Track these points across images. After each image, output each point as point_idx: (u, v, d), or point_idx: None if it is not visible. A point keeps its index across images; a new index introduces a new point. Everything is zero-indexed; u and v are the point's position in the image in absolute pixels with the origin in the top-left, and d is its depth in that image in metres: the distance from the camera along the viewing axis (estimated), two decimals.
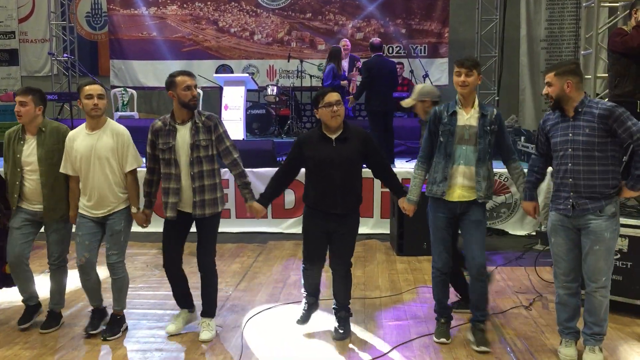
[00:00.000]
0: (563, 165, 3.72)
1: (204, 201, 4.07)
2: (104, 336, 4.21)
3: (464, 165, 3.92)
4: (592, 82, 6.21)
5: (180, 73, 4.12)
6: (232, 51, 11.83)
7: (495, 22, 11.00)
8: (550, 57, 11.53)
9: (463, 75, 3.87)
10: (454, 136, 3.91)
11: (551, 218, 3.85)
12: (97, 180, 4.12)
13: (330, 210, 4.07)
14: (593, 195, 3.64)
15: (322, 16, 11.68)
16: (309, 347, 4.10)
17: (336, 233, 4.12)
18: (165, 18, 11.81)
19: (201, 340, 4.18)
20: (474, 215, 3.98)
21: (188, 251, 6.68)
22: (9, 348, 4.07)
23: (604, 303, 3.75)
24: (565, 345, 3.88)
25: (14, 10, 12.67)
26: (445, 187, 3.94)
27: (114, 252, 4.21)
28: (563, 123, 3.73)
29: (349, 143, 4.04)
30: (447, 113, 3.95)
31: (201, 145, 4.04)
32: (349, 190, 4.08)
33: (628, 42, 5.08)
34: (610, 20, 6.76)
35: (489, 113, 3.93)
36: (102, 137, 4.14)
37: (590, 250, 3.67)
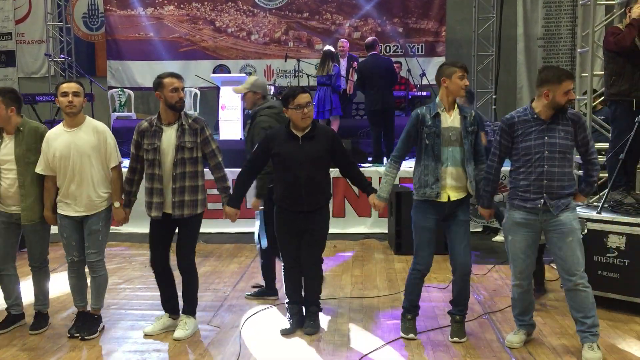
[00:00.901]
0: (538, 168, 3.78)
1: (182, 202, 4.10)
2: (82, 335, 4.23)
3: (452, 167, 3.98)
4: (588, 80, 6.21)
5: (168, 75, 4.13)
6: (230, 51, 11.82)
7: (492, 20, 10.99)
8: (547, 55, 11.53)
9: (465, 79, 3.97)
10: (440, 138, 3.96)
11: (512, 216, 3.92)
12: (77, 178, 4.12)
13: (297, 208, 4.12)
14: (562, 194, 3.78)
15: (319, 16, 11.66)
16: (306, 347, 4.10)
17: (306, 230, 4.17)
18: (162, 18, 11.79)
19: (174, 339, 4.20)
20: (462, 215, 4.08)
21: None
22: (6, 350, 4.07)
23: (589, 295, 3.82)
24: (514, 333, 4.09)
25: (10, 12, 12.63)
26: (438, 188, 3.98)
27: (93, 251, 4.23)
28: (538, 126, 3.79)
29: (316, 141, 4.10)
30: (430, 115, 4.00)
31: (186, 147, 4.07)
32: (315, 188, 4.12)
33: (620, 42, 5.09)
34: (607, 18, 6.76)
35: (469, 114, 4.03)
36: (81, 135, 4.13)
37: (563, 243, 3.79)
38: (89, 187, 4.15)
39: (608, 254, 4.60)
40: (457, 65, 3.99)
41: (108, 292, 5.22)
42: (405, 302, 4.28)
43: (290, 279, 4.37)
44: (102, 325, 4.41)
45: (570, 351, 3.97)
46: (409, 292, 4.26)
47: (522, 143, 3.82)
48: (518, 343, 4.04)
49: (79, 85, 4.18)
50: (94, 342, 4.21)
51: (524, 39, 11.46)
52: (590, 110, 6.03)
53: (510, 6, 11.18)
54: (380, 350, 4.03)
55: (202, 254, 6.59)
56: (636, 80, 5.14)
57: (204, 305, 4.94)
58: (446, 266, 6.00)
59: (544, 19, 11.48)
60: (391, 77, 8.26)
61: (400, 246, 6.45)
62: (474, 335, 4.24)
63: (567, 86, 3.71)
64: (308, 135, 4.11)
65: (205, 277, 5.72)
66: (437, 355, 3.95)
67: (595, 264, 4.67)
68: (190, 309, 4.37)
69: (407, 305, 4.28)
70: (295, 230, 4.20)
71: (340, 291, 5.27)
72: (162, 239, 4.26)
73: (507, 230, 4.00)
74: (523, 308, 4.06)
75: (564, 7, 11.36)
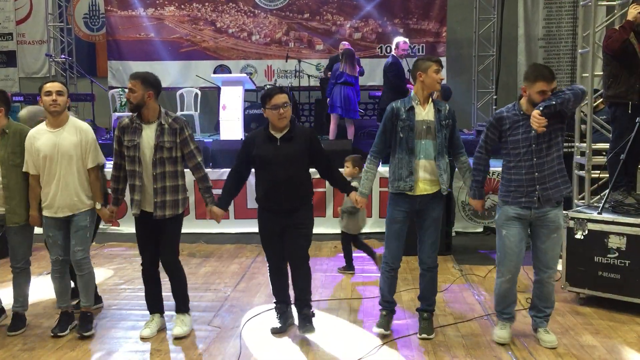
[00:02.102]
0: (527, 162, 3.88)
1: (164, 202, 4.10)
2: (80, 333, 4.24)
3: (425, 160, 4.04)
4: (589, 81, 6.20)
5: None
6: (230, 51, 11.82)
7: (493, 21, 10.99)
8: (548, 56, 11.52)
9: (440, 73, 4.05)
10: (414, 131, 4.02)
11: (505, 211, 4.01)
12: (62, 178, 4.13)
13: (278, 208, 4.15)
14: (555, 180, 3.89)
15: (319, 16, 11.66)
16: (306, 347, 4.10)
17: (289, 228, 4.18)
18: (163, 19, 11.79)
19: (174, 335, 4.23)
20: (434, 211, 4.14)
21: (186, 252, 6.70)
22: (7, 350, 4.07)
23: (553, 287, 4.10)
24: (501, 327, 4.15)
25: (11, 12, 12.64)
26: (412, 181, 4.04)
27: (80, 248, 4.22)
28: (525, 121, 3.87)
29: (294, 142, 4.13)
30: (405, 109, 4.06)
31: (165, 146, 4.07)
32: (295, 188, 4.15)
33: (610, 45, 5.10)
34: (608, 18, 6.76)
35: (443, 108, 4.08)
36: (65, 135, 4.14)
37: (547, 238, 3.95)
38: (74, 186, 4.16)
39: (609, 254, 4.60)
40: (432, 59, 4.07)
41: (109, 293, 5.25)
42: (380, 298, 4.35)
43: (275, 279, 4.39)
44: (94, 322, 4.43)
45: (571, 352, 3.97)
46: (380, 287, 4.33)
47: (511, 137, 3.92)
48: (509, 338, 4.10)
49: (62, 85, 4.20)
50: (94, 342, 4.21)
51: (524, 40, 11.45)
52: (591, 110, 6.02)
53: (511, 7, 11.17)
54: (380, 350, 4.02)
55: (203, 254, 6.59)
56: (632, 82, 5.13)
57: (205, 305, 4.94)
58: (447, 267, 6.02)
59: (544, 20, 11.47)
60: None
61: None
62: (474, 335, 4.24)
63: (540, 86, 3.79)
64: (286, 137, 4.14)
65: (206, 278, 5.72)
66: (438, 355, 3.94)
67: (596, 264, 4.68)
68: (183, 307, 4.39)
69: (380, 301, 4.35)
70: (278, 229, 4.21)
71: (340, 291, 5.27)
72: (148, 238, 4.25)
73: (500, 226, 4.06)
74: (509, 302, 4.13)
75: (564, 7, 11.35)
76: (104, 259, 6.48)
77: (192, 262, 6.31)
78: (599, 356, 3.91)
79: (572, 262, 4.83)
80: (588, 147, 5.90)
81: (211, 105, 11.35)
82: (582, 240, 4.77)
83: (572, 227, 4.81)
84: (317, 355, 3.97)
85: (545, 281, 4.03)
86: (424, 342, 4.15)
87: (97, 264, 6.27)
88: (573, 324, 4.46)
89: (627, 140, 4.93)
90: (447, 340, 4.18)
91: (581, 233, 4.76)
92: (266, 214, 4.24)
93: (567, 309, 4.75)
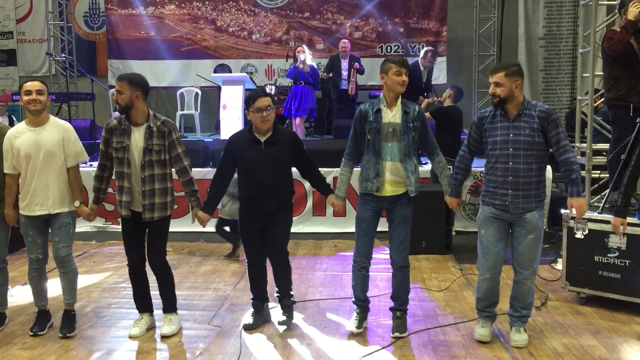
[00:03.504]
0: (503, 164, 3.87)
1: (153, 205, 4.12)
2: (63, 333, 4.25)
3: (391, 162, 4.06)
4: (590, 80, 6.20)
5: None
6: (231, 51, 11.81)
7: (493, 20, 10.99)
8: (549, 55, 11.52)
9: (404, 75, 4.02)
10: (380, 133, 4.03)
11: (483, 211, 4.03)
12: (42, 176, 4.14)
13: (261, 209, 4.22)
14: (528, 191, 3.86)
15: (320, 15, 11.65)
16: (306, 346, 4.10)
17: (269, 226, 4.26)
18: (163, 18, 11.79)
19: (162, 335, 4.24)
20: (402, 211, 4.14)
21: (186, 251, 6.70)
22: (7, 349, 4.07)
23: (532, 289, 4.04)
24: (482, 326, 4.15)
25: (11, 11, 12.64)
26: (378, 182, 4.07)
27: (64, 245, 4.23)
28: (503, 123, 3.88)
29: (278, 146, 4.19)
30: (373, 111, 4.07)
31: (154, 149, 4.08)
32: (279, 190, 4.22)
33: (613, 46, 5.06)
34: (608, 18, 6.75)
35: (412, 110, 4.07)
36: (45, 133, 4.15)
37: (524, 239, 3.91)
38: (56, 184, 4.17)
39: (609, 254, 4.60)
40: (393, 60, 4.07)
41: (109, 291, 5.25)
42: (353, 296, 4.39)
43: (253, 276, 4.46)
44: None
45: (571, 352, 3.97)
46: (352, 285, 4.35)
47: (490, 137, 3.93)
48: (489, 335, 4.11)
49: (42, 84, 4.22)
50: (94, 341, 4.21)
51: (525, 39, 11.45)
52: (592, 110, 6.02)
53: (511, 6, 11.17)
54: (380, 350, 4.02)
55: (203, 253, 6.59)
56: (633, 85, 5.12)
57: (205, 304, 4.94)
58: (447, 266, 6.01)
59: (545, 19, 11.47)
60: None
61: None
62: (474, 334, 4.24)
63: (491, 79, 3.84)
64: (270, 140, 4.19)
65: (206, 277, 5.72)
66: (438, 354, 3.94)
67: (596, 264, 4.68)
68: (171, 306, 4.41)
69: (353, 299, 4.39)
70: (259, 227, 4.29)
71: (340, 291, 5.27)
72: (135, 238, 4.26)
73: (479, 225, 4.09)
74: (491, 300, 4.13)
75: (565, 7, 11.35)
76: (104, 257, 6.48)
77: (192, 260, 6.31)
78: (599, 356, 3.91)
79: (573, 261, 4.83)
80: (588, 148, 5.90)
81: (211, 104, 11.35)
82: (582, 239, 4.77)
83: (572, 226, 4.81)
84: (318, 355, 3.97)
85: (522, 282, 4.00)
86: (423, 341, 4.15)
87: (97, 262, 6.30)
88: (573, 323, 4.46)
89: (627, 141, 4.92)
90: (447, 339, 4.18)
91: (581, 233, 4.76)
92: (249, 214, 4.31)
93: (568, 309, 4.75)
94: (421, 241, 6.31)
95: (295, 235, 7.17)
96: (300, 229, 7.38)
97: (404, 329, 4.23)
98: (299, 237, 7.05)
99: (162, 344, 4.16)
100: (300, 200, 7.39)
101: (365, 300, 4.37)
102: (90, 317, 4.64)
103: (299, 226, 7.39)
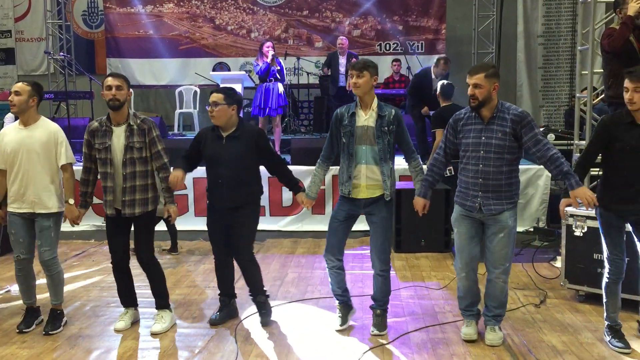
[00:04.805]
0: (474, 166, 3.87)
1: (133, 201, 4.16)
2: (46, 331, 4.26)
3: (366, 165, 4.06)
4: (589, 78, 6.19)
5: (109, 74, 4.21)
6: (229, 49, 11.81)
7: (492, 18, 10.98)
8: (548, 53, 11.52)
9: (355, 77, 4.00)
10: (354, 136, 4.05)
11: (456, 210, 4.04)
12: (25, 174, 4.17)
13: (222, 205, 4.26)
14: (498, 193, 3.84)
15: (319, 13, 11.65)
16: (306, 346, 4.10)
17: (233, 226, 4.29)
18: (161, 16, 11.78)
19: (152, 332, 4.27)
20: (380, 214, 4.12)
21: (185, 249, 6.70)
22: (6, 347, 4.07)
23: (505, 288, 4.02)
24: (467, 325, 4.15)
25: (10, 9, 12.62)
26: (350, 186, 4.09)
27: (46, 248, 4.25)
28: (476, 126, 3.86)
29: (240, 141, 4.22)
30: (348, 114, 4.09)
31: (135, 147, 4.13)
32: (238, 186, 4.23)
33: (613, 43, 5.04)
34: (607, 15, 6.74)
35: (387, 114, 4.05)
36: (32, 133, 4.18)
37: (495, 237, 3.89)
38: (37, 184, 4.18)
39: None
40: (352, 65, 4.10)
41: (107, 290, 5.25)
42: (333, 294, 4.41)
43: (219, 273, 4.50)
44: (64, 320, 4.44)
45: (570, 349, 3.97)
46: (330, 282, 4.36)
47: (464, 139, 3.92)
48: (475, 334, 4.11)
49: (25, 85, 4.22)
50: (94, 339, 4.20)
51: (524, 37, 11.45)
52: (591, 107, 6.01)
53: (510, 4, 11.17)
54: (380, 347, 4.02)
55: (202, 251, 6.59)
56: None
57: (204, 302, 4.94)
58: (446, 264, 6.02)
59: (544, 17, 11.47)
60: None
61: (400, 244, 6.44)
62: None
63: (470, 80, 3.79)
64: (232, 135, 4.23)
65: (205, 275, 5.72)
66: (438, 352, 3.94)
67: (594, 261, 4.68)
68: (163, 302, 4.43)
69: (335, 296, 4.39)
70: (222, 225, 4.33)
71: None
72: (118, 236, 4.29)
73: (453, 224, 4.09)
74: (471, 299, 4.13)
75: (564, 4, 11.35)
76: (102, 256, 6.47)
77: (191, 259, 6.30)
78: (598, 353, 3.91)
79: (571, 259, 4.83)
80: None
81: None
82: (581, 237, 4.77)
83: (571, 224, 4.81)
84: (318, 352, 3.97)
85: (494, 280, 3.98)
86: (422, 339, 4.15)
87: (95, 261, 6.30)
88: (572, 321, 4.46)
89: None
90: (446, 337, 4.18)
91: (580, 230, 4.76)
92: (213, 210, 4.36)
93: (567, 307, 4.75)
94: (420, 239, 6.30)
95: (294, 234, 7.20)
96: (299, 228, 7.38)
97: (383, 327, 4.24)
98: (297, 236, 7.05)
99: (161, 342, 4.16)
100: None
101: (344, 294, 4.38)
102: (89, 316, 4.64)
103: (298, 224, 7.39)
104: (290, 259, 6.20)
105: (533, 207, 7.27)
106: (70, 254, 6.49)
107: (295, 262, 6.09)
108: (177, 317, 4.57)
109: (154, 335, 4.25)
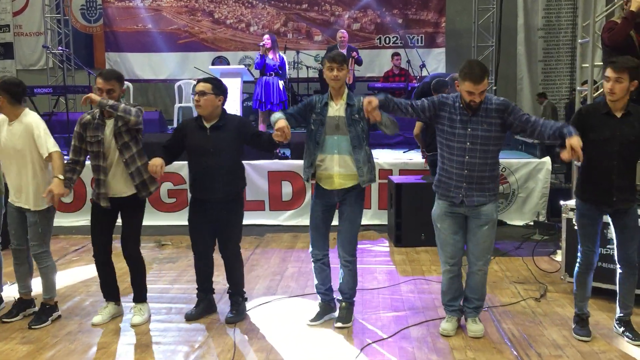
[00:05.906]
0: (459, 157, 3.86)
1: (144, 181, 4.21)
2: (30, 324, 4.28)
3: (338, 155, 4.06)
4: (589, 71, 6.18)
5: (99, 74, 4.18)
6: (228, 43, 11.77)
7: (493, 11, 10.94)
8: (548, 46, 11.50)
9: (335, 70, 4.01)
10: (324, 126, 4.06)
11: (439, 205, 4.03)
12: (14, 170, 4.20)
13: (208, 197, 4.22)
14: (482, 185, 3.86)
15: (318, 7, 11.61)
16: (306, 340, 4.10)
17: (220, 220, 4.26)
18: (160, 10, 11.74)
19: (132, 324, 4.29)
20: (350, 206, 4.15)
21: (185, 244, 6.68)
22: (6, 343, 4.06)
23: (485, 279, 4.07)
24: (447, 320, 4.17)
25: (8, 4, 12.59)
26: (309, 173, 4.12)
27: (34, 242, 4.28)
28: (463, 117, 3.84)
29: (224, 131, 4.20)
30: (321, 104, 4.10)
31: (122, 131, 4.13)
32: (225, 177, 4.21)
33: (613, 37, 5.01)
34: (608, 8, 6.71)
35: (356, 102, 4.07)
36: (16, 128, 4.17)
37: (479, 230, 3.92)
38: (25, 179, 4.19)
39: (608, 245, 4.59)
40: (327, 56, 4.11)
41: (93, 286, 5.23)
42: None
43: (198, 269, 4.48)
44: (56, 314, 4.44)
45: (570, 343, 3.97)
46: (314, 278, 4.36)
47: (447, 128, 3.89)
48: (453, 330, 4.11)
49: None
50: (93, 334, 4.20)
51: (524, 30, 11.42)
52: (591, 101, 5.99)
53: None
54: (381, 341, 4.02)
55: None
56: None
57: None
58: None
59: (544, 10, 11.44)
60: None
61: (400, 238, 6.43)
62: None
63: (467, 87, 3.73)
64: (216, 126, 4.20)
65: None
66: (437, 346, 3.94)
67: None
68: (141, 296, 4.45)
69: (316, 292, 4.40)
70: (207, 219, 4.29)
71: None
72: (102, 229, 4.30)
73: (435, 219, 4.08)
74: (453, 294, 4.14)
75: None
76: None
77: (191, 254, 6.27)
78: (599, 347, 3.91)
79: (572, 253, 4.80)
80: None
81: None
82: None
83: (572, 218, 4.80)
84: (318, 346, 3.97)
85: (476, 273, 4.01)
86: (422, 333, 4.15)
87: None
88: (572, 315, 4.45)
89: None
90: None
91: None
92: (197, 203, 4.33)
93: (567, 300, 4.75)
94: (420, 233, 6.29)
95: (295, 228, 7.18)
96: (299, 222, 7.35)
97: (348, 320, 4.24)
98: (298, 230, 7.03)
99: (161, 337, 4.15)
100: (299, 193, 7.37)
101: (327, 293, 4.37)
102: (88, 311, 4.63)
103: (298, 219, 7.37)
104: (290, 254, 6.19)
105: (533, 201, 7.25)
106: (69, 249, 6.48)
107: (295, 256, 6.08)
108: (176, 312, 4.57)
109: (134, 326, 4.28)
